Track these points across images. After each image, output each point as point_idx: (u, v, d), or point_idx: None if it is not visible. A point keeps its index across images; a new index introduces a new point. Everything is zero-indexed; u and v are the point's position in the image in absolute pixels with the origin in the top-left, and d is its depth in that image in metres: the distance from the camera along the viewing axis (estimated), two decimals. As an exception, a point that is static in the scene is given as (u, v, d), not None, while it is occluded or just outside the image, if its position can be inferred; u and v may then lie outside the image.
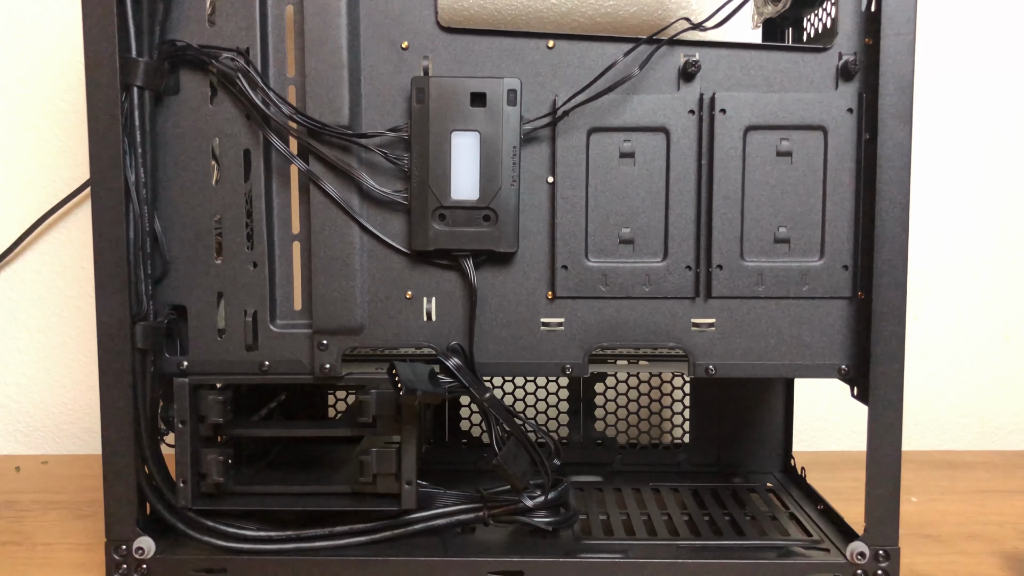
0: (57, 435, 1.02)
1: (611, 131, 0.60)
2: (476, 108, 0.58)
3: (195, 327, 0.61)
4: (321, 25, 0.58)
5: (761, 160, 0.59)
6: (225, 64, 0.59)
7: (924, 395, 1.04)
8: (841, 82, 0.59)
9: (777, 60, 0.59)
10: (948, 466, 0.95)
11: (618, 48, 0.59)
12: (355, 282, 0.60)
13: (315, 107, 0.59)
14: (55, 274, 1.01)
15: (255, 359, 0.61)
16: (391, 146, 0.59)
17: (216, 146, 0.61)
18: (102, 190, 0.58)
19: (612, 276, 0.60)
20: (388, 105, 0.60)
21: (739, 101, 0.59)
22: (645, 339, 0.61)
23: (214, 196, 0.61)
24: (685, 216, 0.60)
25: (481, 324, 0.61)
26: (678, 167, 0.59)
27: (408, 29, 0.59)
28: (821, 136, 0.59)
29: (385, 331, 0.61)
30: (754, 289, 0.60)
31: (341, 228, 0.60)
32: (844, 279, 0.60)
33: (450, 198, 0.58)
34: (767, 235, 0.60)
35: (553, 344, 0.61)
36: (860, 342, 0.60)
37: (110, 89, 0.57)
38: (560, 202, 0.60)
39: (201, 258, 0.61)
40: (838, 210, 0.59)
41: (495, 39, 0.59)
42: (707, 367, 0.61)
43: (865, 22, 0.58)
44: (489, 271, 0.60)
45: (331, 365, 0.61)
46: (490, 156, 0.58)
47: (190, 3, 0.59)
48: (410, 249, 0.60)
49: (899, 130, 0.57)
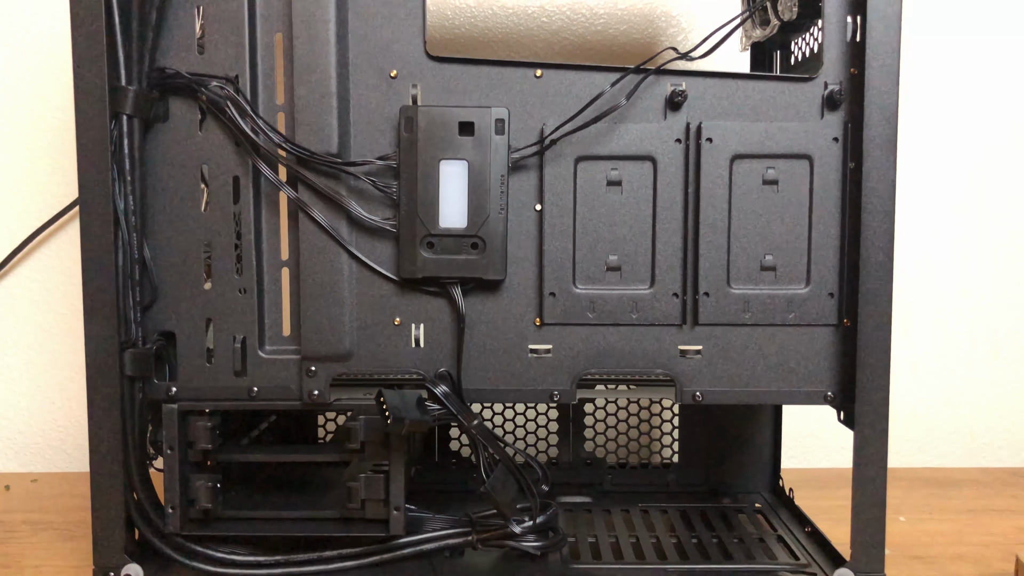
0: (47, 451, 1.02)
1: (598, 159, 0.60)
2: (464, 137, 0.58)
3: (184, 353, 0.62)
4: (310, 53, 0.58)
5: (747, 188, 0.60)
6: (214, 92, 0.59)
7: (913, 410, 1.05)
8: (827, 111, 0.59)
9: (763, 89, 0.59)
10: (936, 484, 0.95)
11: (605, 77, 0.59)
12: (344, 309, 0.60)
13: (304, 135, 0.59)
14: (46, 291, 1.00)
15: (244, 385, 0.62)
16: (379, 174, 0.60)
17: (205, 173, 0.61)
18: (91, 217, 0.58)
19: (600, 303, 0.60)
20: (376, 133, 0.60)
21: (725, 130, 0.59)
22: (632, 366, 0.61)
23: (203, 222, 0.61)
24: (672, 244, 0.60)
25: (469, 350, 0.61)
26: (665, 195, 0.60)
27: (397, 58, 0.59)
28: (807, 165, 0.59)
29: (373, 357, 0.61)
30: (740, 316, 0.60)
31: (330, 255, 0.60)
32: (830, 307, 0.60)
33: (438, 226, 0.59)
34: (753, 263, 0.60)
35: (541, 371, 0.61)
36: (846, 369, 0.61)
37: (99, 117, 0.57)
38: (548, 230, 0.60)
39: (190, 284, 0.61)
40: (824, 238, 0.60)
41: (483, 68, 0.59)
42: (694, 393, 0.61)
43: (850, 52, 0.59)
44: (477, 297, 0.61)
45: (320, 391, 0.61)
46: (478, 184, 0.58)
47: (180, 31, 0.60)
48: (398, 276, 0.60)
49: (884, 160, 0.57)
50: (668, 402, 0.83)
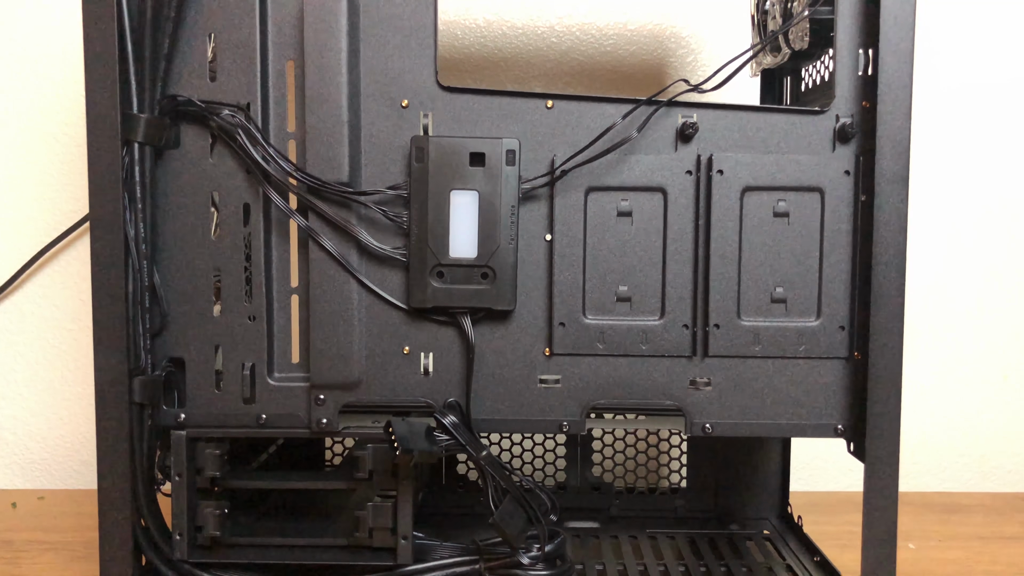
0: (54, 468, 1.02)
1: (609, 190, 0.60)
2: (475, 168, 0.58)
3: (193, 380, 0.62)
4: (321, 83, 0.58)
5: (758, 220, 0.59)
6: (225, 120, 0.59)
7: (923, 434, 1.04)
8: (838, 144, 0.59)
9: (774, 122, 0.59)
10: (945, 509, 0.95)
11: (616, 108, 0.59)
12: (353, 337, 0.60)
13: (315, 163, 0.59)
14: (54, 307, 1.01)
15: (252, 412, 0.61)
16: (390, 203, 0.60)
17: (216, 199, 0.61)
18: (102, 245, 0.59)
19: (609, 334, 0.60)
20: (388, 162, 0.60)
21: (736, 162, 0.59)
22: (642, 397, 0.61)
23: (213, 249, 0.61)
24: (682, 275, 0.60)
25: (478, 380, 0.61)
26: (675, 226, 0.60)
27: (408, 87, 0.59)
28: (818, 197, 0.59)
29: (382, 386, 0.61)
30: (751, 349, 0.60)
31: (339, 283, 0.60)
32: (840, 339, 0.60)
33: (448, 256, 0.59)
34: (764, 295, 0.60)
35: (550, 401, 0.61)
36: (856, 402, 0.60)
37: (111, 145, 0.58)
38: (558, 260, 0.60)
39: (199, 311, 0.61)
40: (835, 271, 0.60)
41: (495, 98, 0.59)
42: (704, 425, 0.61)
43: (862, 85, 0.59)
44: (487, 327, 0.61)
45: (328, 420, 0.61)
46: (489, 215, 0.58)
47: (192, 58, 0.60)
48: (408, 305, 0.60)
49: (895, 194, 0.57)
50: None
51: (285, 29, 0.60)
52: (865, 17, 0.58)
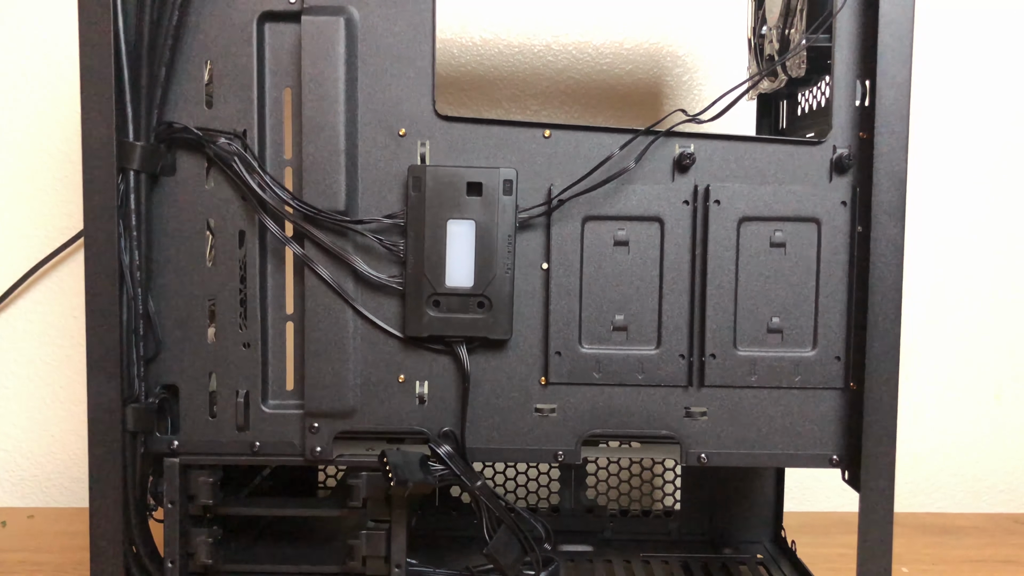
0: (45, 485, 1.01)
1: (606, 220, 0.60)
2: (472, 197, 0.58)
3: (186, 407, 0.61)
4: (319, 111, 0.58)
5: (755, 251, 0.60)
6: (222, 147, 0.59)
7: (915, 453, 1.04)
8: (835, 175, 0.59)
9: (772, 152, 0.59)
10: (939, 531, 0.95)
11: (613, 138, 0.59)
12: (348, 365, 0.60)
13: (312, 191, 0.59)
14: (47, 323, 1.00)
15: (246, 440, 0.61)
16: (386, 232, 0.60)
17: (211, 226, 0.61)
18: (96, 272, 0.58)
19: (605, 363, 0.60)
20: (384, 191, 0.60)
21: (733, 192, 0.59)
22: (638, 426, 0.61)
23: (208, 276, 0.61)
24: (679, 305, 0.60)
25: (474, 409, 0.61)
26: (672, 256, 0.60)
27: (405, 116, 0.59)
28: (815, 228, 0.59)
29: (377, 414, 0.61)
30: (747, 379, 0.60)
31: (335, 311, 0.60)
32: (836, 370, 0.60)
33: (445, 285, 0.59)
34: (760, 325, 0.60)
35: (545, 430, 0.61)
36: (852, 432, 0.60)
37: (107, 173, 0.57)
38: (554, 289, 0.60)
39: (194, 338, 0.61)
40: (831, 301, 0.60)
41: (492, 128, 0.59)
42: (699, 455, 0.61)
43: (859, 115, 0.59)
44: (482, 355, 0.61)
45: (322, 448, 0.61)
46: (485, 244, 0.58)
47: (188, 84, 0.60)
48: (404, 334, 0.60)
49: (892, 227, 0.57)
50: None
51: (282, 56, 0.60)
52: (863, 48, 0.58)
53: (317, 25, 0.58)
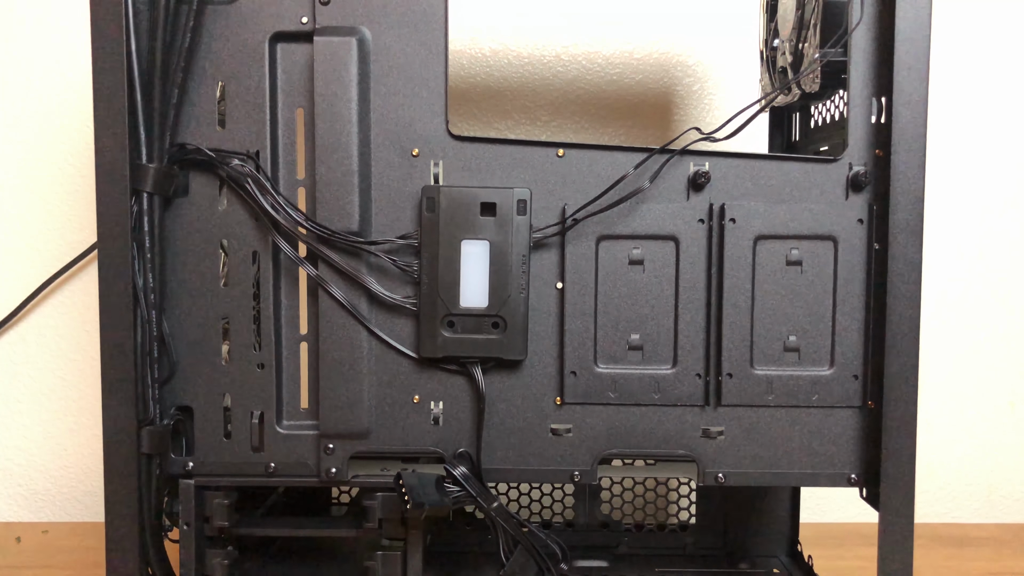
0: (58, 498, 1.02)
1: (620, 239, 0.59)
2: (486, 217, 0.58)
3: (201, 428, 0.61)
4: (332, 132, 0.58)
5: (771, 269, 0.59)
6: (235, 169, 0.59)
7: (930, 463, 1.04)
8: (851, 192, 0.59)
9: (787, 170, 0.59)
10: (956, 542, 0.94)
11: (627, 157, 0.59)
12: (362, 386, 0.60)
13: (325, 212, 0.59)
14: (59, 336, 1.00)
15: (261, 461, 0.61)
16: (400, 252, 0.59)
17: (225, 247, 0.61)
18: (110, 295, 0.58)
19: (621, 383, 0.60)
20: (398, 210, 0.60)
21: (749, 211, 0.59)
22: (654, 446, 0.60)
23: (222, 297, 0.61)
24: (695, 324, 0.60)
25: (488, 429, 0.60)
26: (687, 275, 0.59)
27: (419, 136, 0.59)
28: (831, 246, 0.59)
29: (392, 435, 0.61)
30: (764, 398, 0.60)
31: (349, 332, 0.60)
32: (854, 389, 0.60)
33: (459, 305, 0.58)
34: (777, 344, 0.60)
35: (561, 450, 0.61)
36: (870, 451, 0.60)
37: (120, 195, 0.57)
38: (569, 308, 0.60)
39: (208, 359, 0.61)
40: (848, 320, 0.59)
41: (505, 147, 0.59)
42: (716, 475, 0.60)
43: (875, 133, 0.58)
44: (497, 376, 0.60)
45: (337, 469, 0.61)
46: (499, 264, 0.58)
47: (201, 106, 0.60)
48: (418, 355, 0.60)
49: (909, 245, 0.57)
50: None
51: (294, 77, 0.60)
52: (878, 65, 0.58)
53: (330, 46, 0.58)
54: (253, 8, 0.59)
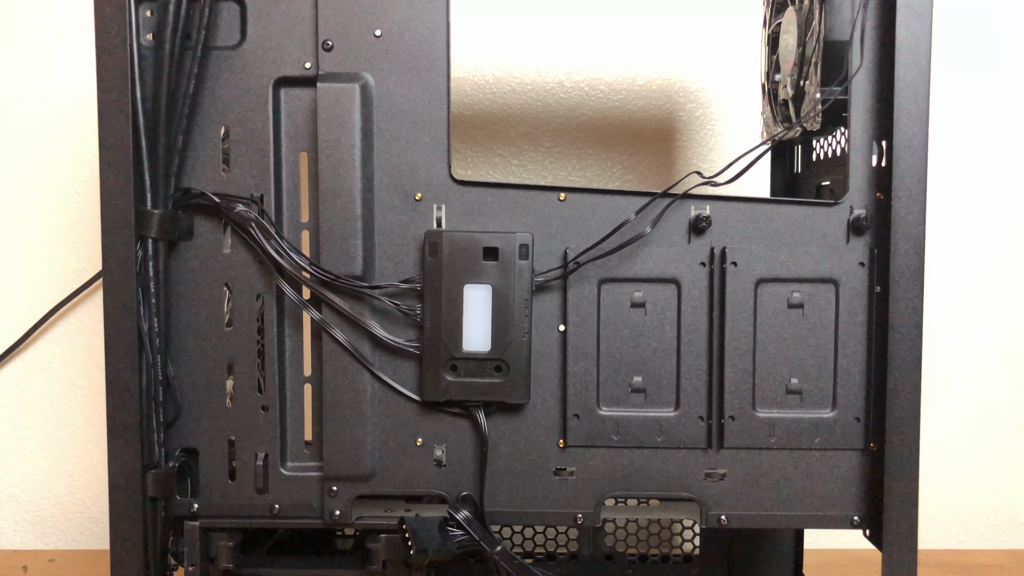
0: (64, 525, 1.02)
1: (622, 281, 0.60)
2: (488, 262, 0.58)
3: (206, 470, 0.62)
4: (335, 176, 0.59)
5: (772, 312, 0.59)
6: (239, 214, 0.59)
7: (935, 487, 1.03)
8: (852, 236, 0.59)
9: (788, 214, 0.59)
10: (961, 570, 0.94)
11: (628, 201, 0.59)
12: (366, 428, 0.60)
13: (329, 256, 0.59)
14: (65, 364, 1.01)
15: (265, 502, 0.61)
16: (403, 296, 0.60)
17: (229, 290, 0.61)
18: (115, 340, 0.59)
19: (624, 425, 0.60)
20: (401, 254, 0.60)
21: (750, 254, 0.59)
22: (657, 488, 0.60)
23: (226, 339, 0.61)
24: (697, 366, 0.60)
25: (492, 472, 0.61)
26: (689, 318, 0.60)
27: (421, 181, 0.59)
28: (832, 289, 0.59)
29: (395, 477, 0.61)
30: (766, 440, 0.60)
31: (352, 375, 0.60)
32: (856, 431, 0.60)
33: (462, 350, 0.59)
34: (779, 386, 0.60)
35: (564, 492, 0.61)
36: (873, 493, 0.60)
37: (126, 242, 0.58)
38: (571, 351, 0.60)
39: (213, 401, 0.61)
40: (850, 362, 0.59)
41: (507, 191, 0.59)
42: (719, 517, 0.60)
43: (876, 176, 0.59)
44: (500, 418, 0.61)
45: (341, 511, 0.61)
46: (502, 308, 0.58)
47: (205, 150, 0.60)
48: (422, 398, 0.60)
49: (911, 289, 0.57)
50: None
51: (298, 121, 0.60)
52: (878, 108, 0.58)
53: (333, 92, 0.58)
54: (257, 53, 0.59)
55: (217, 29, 0.59)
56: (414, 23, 0.58)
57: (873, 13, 0.58)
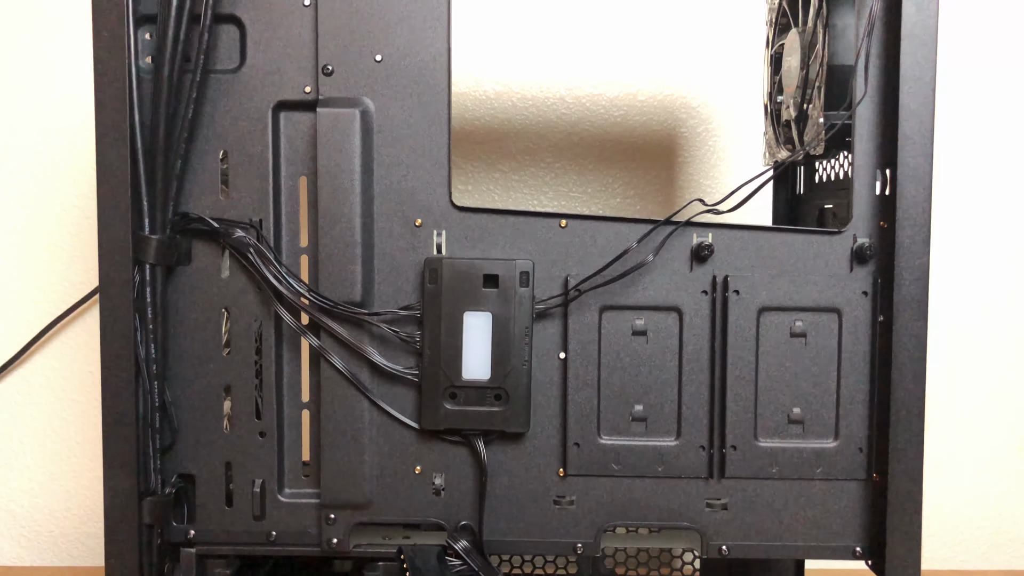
0: (61, 541, 1.02)
1: (623, 309, 0.59)
2: (489, 289, 0.58)
3: (203, 496, 0.61)
4: (335, 202, 0.58)
5: (775, 341, 0.59)
6: (238, 240, 0.59)
7: (938, 505, 1.03)
8: (856, 265, 0.58)
9: (791, 242, 0.59)
10: (963, 592, 0.93)
11: (630, 228, 0.59)
12: (364, 456, 0.60)
13: (327, 282, 0.59)
14: (62, 378, 1.00)
15: (262, 529, 0.61)
16: (402, 323, 0.59)
17: (227, 315, 0.60)
18: (112, 365, 0.58)
19: (625, 455, 0.60)
20: (401, 280, 0.59)
21: (752, 282, 0.58)
22: (658, 518, 0.60)
23: (224, 365, 0.60)
24: (698, 395, 0.59)
25: (491, 501, 0.60)
26: (691, 346, 0.59)
27: (422, 207, 0.59)
28: (835, 318, 0.59)
29: (393, 506, 0.60)
30: (768, 470, 0.59)
31: (351, 401, 0.60)
32: (859, 461, 0.59)
33: (461, 378, 0.58)
34: (781, 416, 0.59)
35: (564, 522, 0.60)
36: (875, 524, 0.59)
37: (123, 268, 0.57)
38: (572, 378, 0.59)
39: (210, 427, 0.61)
40: (852, 392, 0.59)
41: (507, 217, 0.59)
42: (720, 547, 0.60)
43: (880, 204, 0.58)
44: (500, 447, 0.60)
45: (339, 540, 0.60)
46: (502, 336, 0.58)
47: (204, 174, 0.60)
48: (420, 426, 0.59)
49: (914, 320, 0.56)
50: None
51: (298, 144, 0.60)
52: (882, 137, 0.58)
53: (333, 117, 0.58)
54: (257, 77, 0.59)
55: (217, 52, 0.59)
56: (415, 49, 0.58)
57: (877, 39, 0.57)
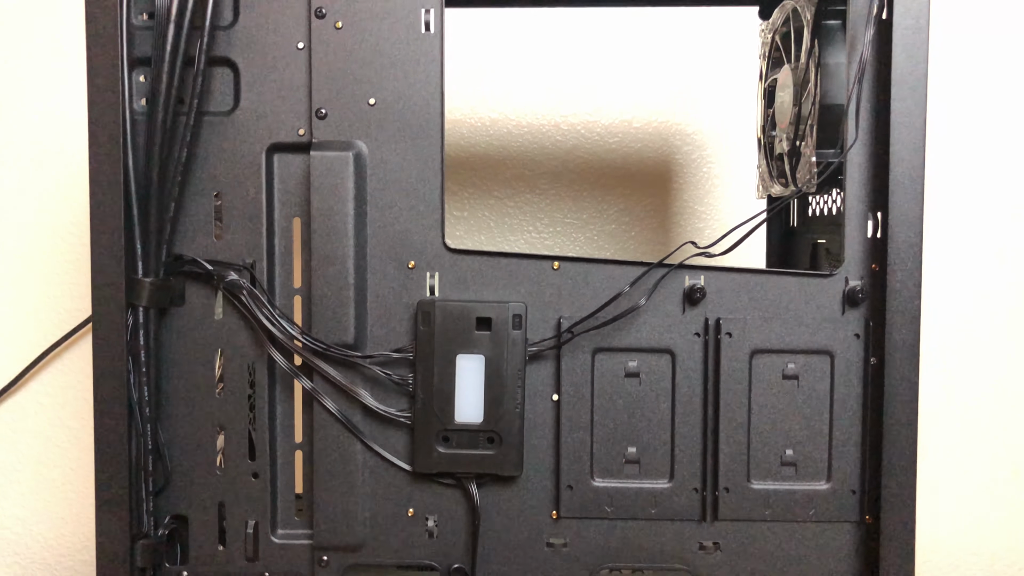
0: (56, 568, 1.01)
1: (616, 351, 0.59)
2: (481, 332, 0.58)
3: (196, 537, 0.61)
4: (328, 244, 0.58)
5: (767, 383, 0.59)
6: (231, 282, 0.59)
7: (934, 532, 1.03)
8: (848, 307, 0.58)
9: (783, 284, 0.59)
10: (958, 620, 0.93)
11: (623, 271, 0.59)
12: (357, 498, 0.60)
13: (321, 324, 0.59)
14: (57, 405, 1.00)
15: (255, 571, 0.61)
16: (395, 365, 0.59)
17: (221, 356, 0.60)
18: (105, 408, 0.58)
19: (618, 497, 0.60)
20: (394, 322, 0.59)
21: (745, 325, 0.58)
22: (650, 560, 0.60)
23: (217, 406, 0.60)
24: (691, 437, 0.59)
25: (484, 543, 0.60)
26: (684, 388, 0.59)
27: (415, 249, 0.59)
28: (828, 360, 0.59)
29: (386, 548, 0.60)
30: (761, 512, 0.59)
31: (343, 443, 0.60)
32: (851, 503, 0.59)
33: (454, 421, 0.58)
34: (774, 458, 0.59)
35: (557, 564, 0.60)
36: (868, 566, 0.59)
37: (116, 311, 0.57)
38: (565, 421, 0.59)
39: (203, 468, 0.61)
40: (845, 434, 0.59)
41: (500, 260, 0.59)
42: (713, 589, 0.60)
43: (871, 247, 0.58)
44: (493, 489, 0.60)
45: (332, 582, 0.60)
46: (495, 379, 0.58)
47: (197, 217, 0.60)
48: (413, 469, 0.59)
49: (906, 363, 0.57)
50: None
51: (291, 186, 0.60)
52: (874, 181, 0.58)
53: (326, 160, 0.58)
54: (250, 120, 0.59)
55: (211, 95, 0.59)
56: (408, 92, 0.58)
57: (868, 83, 0.58)
